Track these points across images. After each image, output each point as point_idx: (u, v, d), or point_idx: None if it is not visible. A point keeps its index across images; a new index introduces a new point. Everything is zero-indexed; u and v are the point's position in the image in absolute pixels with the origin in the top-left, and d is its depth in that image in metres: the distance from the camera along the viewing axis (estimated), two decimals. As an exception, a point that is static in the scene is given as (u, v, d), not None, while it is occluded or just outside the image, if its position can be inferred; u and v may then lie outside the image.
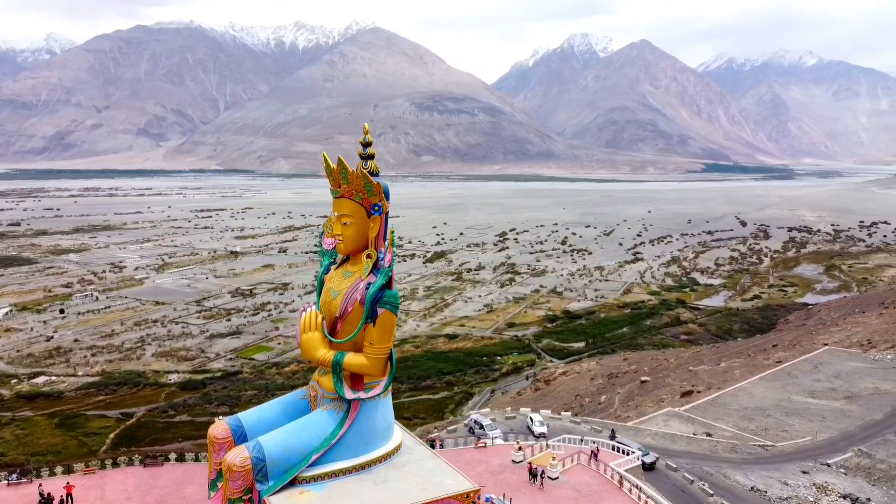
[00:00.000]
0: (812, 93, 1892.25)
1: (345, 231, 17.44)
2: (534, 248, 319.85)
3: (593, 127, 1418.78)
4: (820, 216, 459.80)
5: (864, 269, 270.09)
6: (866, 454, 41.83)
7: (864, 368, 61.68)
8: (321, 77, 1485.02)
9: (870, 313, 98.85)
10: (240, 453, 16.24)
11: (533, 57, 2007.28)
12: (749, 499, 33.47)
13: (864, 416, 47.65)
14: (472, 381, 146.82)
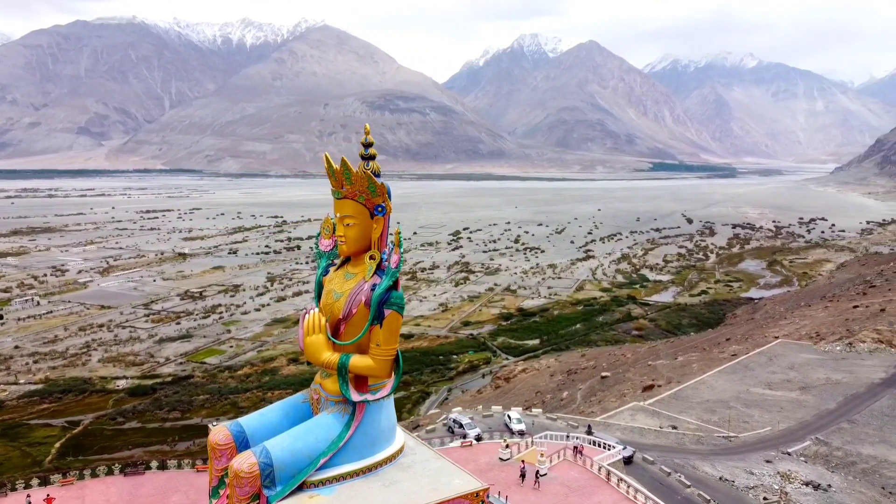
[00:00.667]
0: (753, 94, 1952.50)
1: (347, 232, 17.25)
2: (487, 247, 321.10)
3: (544, 126, 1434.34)
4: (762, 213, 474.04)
5: (804, 263, 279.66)
6: (823, 442, 43.48)
7: (815, 360, 64.00)
8: (270, 75, 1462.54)
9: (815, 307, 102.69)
10: (247, 459, 15.88)
11: (483, 57, 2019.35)
12: (720, 488, 34.51)
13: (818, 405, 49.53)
14: (428, 381, 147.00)
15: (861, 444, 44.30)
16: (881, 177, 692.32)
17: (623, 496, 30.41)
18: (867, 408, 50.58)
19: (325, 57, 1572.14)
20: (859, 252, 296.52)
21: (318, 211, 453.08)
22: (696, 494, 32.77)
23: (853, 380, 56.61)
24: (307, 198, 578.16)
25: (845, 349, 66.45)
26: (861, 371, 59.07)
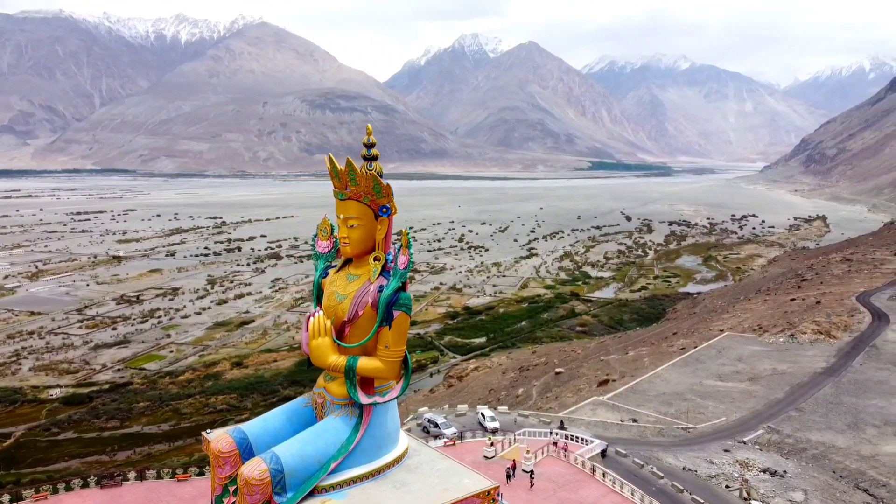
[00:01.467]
0: (686, 94, 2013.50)
1: (351, 234, 16.76)
2: (432, 246, 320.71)
3: (485, 126, 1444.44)
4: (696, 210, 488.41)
5: (737, 259, 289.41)
6: (775, 430, 44.70)
7: (761, 351, 65.94)
8: (206, 72, 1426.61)
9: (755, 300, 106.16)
10: (257, 466, 15.24)
11: (425, 56, 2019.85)
12: (686, 478, 35.15)
13: (767, 395, 50.96)
14: None
15: (810, 430, 45.79)
16: (806, 175, 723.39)
17: (609, 489, 30.78)
18: (812, 396, 52.39)
19: (264, 54, 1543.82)
20: (788, 247, 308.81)
21: (259, 211, 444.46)
22: (670, 485, 33.34)
23: (797, 370, 58.60)
24: (247, 198, 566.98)
25: (788, 341, 68.86)
26: (804, 361, 61.21)
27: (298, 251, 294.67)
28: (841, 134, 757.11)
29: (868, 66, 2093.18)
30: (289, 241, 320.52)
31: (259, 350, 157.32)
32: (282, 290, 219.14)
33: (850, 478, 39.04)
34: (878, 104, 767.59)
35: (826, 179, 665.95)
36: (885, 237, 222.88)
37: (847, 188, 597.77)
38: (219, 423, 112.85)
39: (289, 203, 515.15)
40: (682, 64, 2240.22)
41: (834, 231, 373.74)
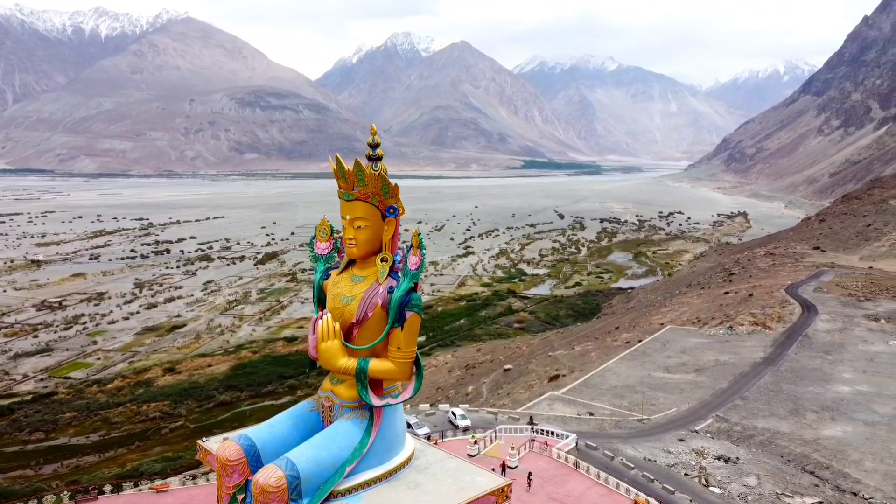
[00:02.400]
0: (614, 95, 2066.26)
1: (358, 235, 16.33)
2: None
3: (419, 125, 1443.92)
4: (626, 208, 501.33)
5: (665, 254, 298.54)
6: (723, 419, 45.87)
7: (703, 343, 67.77)
8: (128, 68, 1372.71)
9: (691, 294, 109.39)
10: (273, 473, 14.59)
11: (357, 54, 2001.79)
12: (649, 468, 35.58)
13: (713, 385, 52.25)
14: (315, 384, 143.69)
15: (755, 418, 47.20)
16: (728, 173, 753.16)
17: (594, 482, 31.00)
18: (754, 385, 54.07)
19: (190, 50, 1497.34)
20: (713, 242, 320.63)
21: (187, 212, 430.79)
22: (641, 475, 33.81)
23: (738, 360, 60.42)
24: (174, 198, 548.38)
25: (727, 332, 71.09)
26: (744, 352, 63.19)
27: (231, 253, 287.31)
28: (759, 134, 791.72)
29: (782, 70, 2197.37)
30: (220, 242, 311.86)
31: (192, 355, 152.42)
32: (214, 293, 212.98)
33: (797, 461, 40.45)
34: (792, 105, 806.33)
35: (746, 177, 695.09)
36: (804, 232, 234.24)
37: (765, 185, 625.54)
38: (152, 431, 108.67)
39: (219, 203, 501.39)
40: (609, 65, 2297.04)
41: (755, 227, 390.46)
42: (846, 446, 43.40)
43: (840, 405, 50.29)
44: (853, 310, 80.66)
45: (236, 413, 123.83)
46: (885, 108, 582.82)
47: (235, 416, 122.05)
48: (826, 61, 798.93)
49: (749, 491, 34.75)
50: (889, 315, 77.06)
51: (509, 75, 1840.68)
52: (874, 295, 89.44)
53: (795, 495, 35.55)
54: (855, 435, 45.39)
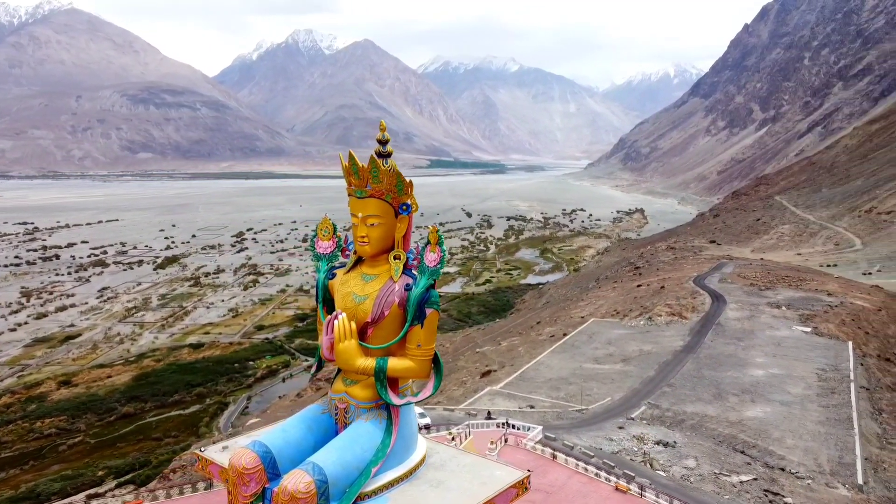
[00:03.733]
0: (516, 96, 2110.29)
1: (371, 232, 15.63)
2: (275, 248, 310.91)
3: (323, 123, 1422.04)
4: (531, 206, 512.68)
5: (570, 250, 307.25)
6: (655, 405, 47.04)
7: (626, 334, 69.54)
8: (6, 62, 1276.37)
9: (605, 288, 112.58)
10: (301, 478, 13.67)
11: (257, 51, 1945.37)
12: (598, 456, 35.71)
13: (641, 374, 53.58)
14: (225, 390, 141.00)
15: (683, 403, 48.69)
16: (625, 171, 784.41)
17: (573, 471, 30.96)
18: (678, 372, 55.93)
19: (75, 44, 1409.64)
20: (614, 238, 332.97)
21: (77, 215, 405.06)
22: (602, 462, 34.17)
23: (660, 349, 62.37)
24: (62, 201, 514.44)
25: (647, 323, 73.43)
26: (664, 341, 65.33)
27: (127, 257, 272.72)
28: (653, 134, 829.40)
29: (673, 73, 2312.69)
30: (115, 246, 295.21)
31: (89, 366, 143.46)
32: (111, 300, 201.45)
33: (727, 442, 42.13)
34: (682, 107, 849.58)
35: (642, 175, 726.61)
36: (700, 226, 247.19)
37: (660, 183, 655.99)
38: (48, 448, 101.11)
39: (112, 206, 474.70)
40: (511, 66, 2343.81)
41: (651, 222, 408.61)
42: (768, 426, 45.57)
43: (757, 388, 52.84)
44: (757, 298, 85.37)
45: (141, 425, 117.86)
46: (764, 111, 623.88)
47: (140, 429, 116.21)
48: (712, 66, 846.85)
49: (690, 472, 35.87)
50: (789, 302, 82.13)
51: (414, 75, 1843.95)
52: (773, 284, 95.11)
53: (732, 474, 36.99)
54: (774, 415, 47.75)
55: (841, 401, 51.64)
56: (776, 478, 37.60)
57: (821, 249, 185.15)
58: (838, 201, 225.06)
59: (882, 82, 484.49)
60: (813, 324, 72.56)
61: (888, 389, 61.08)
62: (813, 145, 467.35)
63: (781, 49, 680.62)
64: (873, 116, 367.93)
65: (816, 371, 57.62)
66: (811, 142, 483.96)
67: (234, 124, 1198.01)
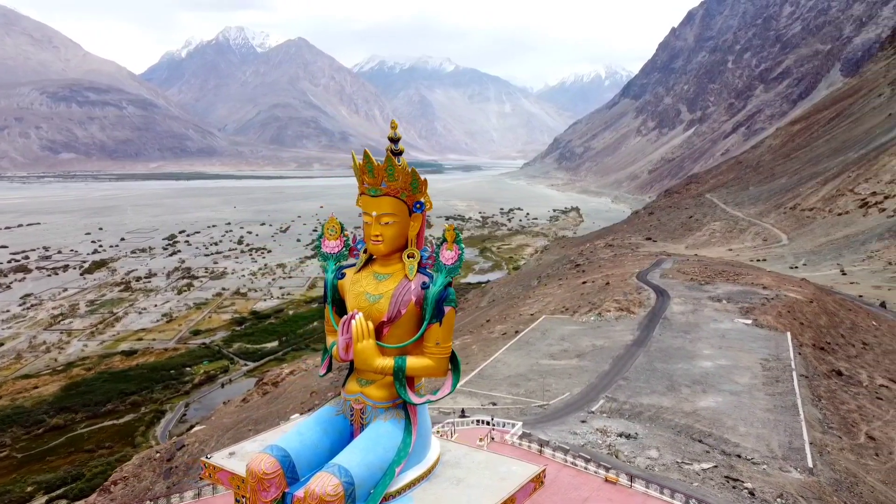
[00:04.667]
0: (452, 96, 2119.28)
1: (385, 231, 15.44)
2: (209, 250, 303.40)
3: (256, 123, 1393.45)
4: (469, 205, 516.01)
5: (509, 249, 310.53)
6: (613, 399, 47.66)
7: (578, 330, 70.30)
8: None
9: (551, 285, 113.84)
10: (329, 481, 13.61)
11: (186, 48, 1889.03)
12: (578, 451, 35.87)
13: (596, 368, 54.21)
14: (161, 398, 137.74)
15: (639, 396, 49.51)
16: (560, 171, 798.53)
17: (561, 465, 30.85)
18: (631, 365, 56.88)
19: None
20: (551, 236, 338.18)
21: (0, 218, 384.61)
22: (579, 455, 34.32)
23: (612, 343, 63.34)
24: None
25: (597, 319, 74.55)
26: (615, 336, 66.43)
27: (51, 262, 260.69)
28: (586, 134, 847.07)
29: (604, 74, 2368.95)
30: (38, 251, 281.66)
31: (13, 377, 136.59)
32: (35, 307, 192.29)
33: (685, 432, 43.02)
34: (613, 108, 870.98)
35: (576, 175, 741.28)
36: (636, 224, 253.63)
37: (594, 182, 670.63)
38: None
39: (33, 209, 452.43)
40: (447, 66, 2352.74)
41: (587, 220, 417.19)
42: (720, 415, 46.80)
43: (707, 378, 54.24)
44: (698, 293, 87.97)
45: (72, 437, 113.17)
46: (692, 112, 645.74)
47: (71, 441, 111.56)
48: (641, 68, 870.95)
49: (654, 462, 36.44)
50: (728, 296, 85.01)
51: (349, 74, 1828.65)
52: (711, 279, 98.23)
53: (693, 462, 37.75)
54: (725, 404, 49.08)
55: (785, 389, 53.55)
56: (734, 464, 38.61)
57: (750, 245, 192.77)
58: (765, 199, 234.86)
59: (800, 85, 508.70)
60: (753, 316, 75.20)
61: (824, 377, 63.77)
62: (737, 145, 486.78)
63: (706, 52, 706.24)
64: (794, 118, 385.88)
65: (760, 361, 59.62)
66: (735, 142, 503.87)
67: (162, 123, 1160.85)
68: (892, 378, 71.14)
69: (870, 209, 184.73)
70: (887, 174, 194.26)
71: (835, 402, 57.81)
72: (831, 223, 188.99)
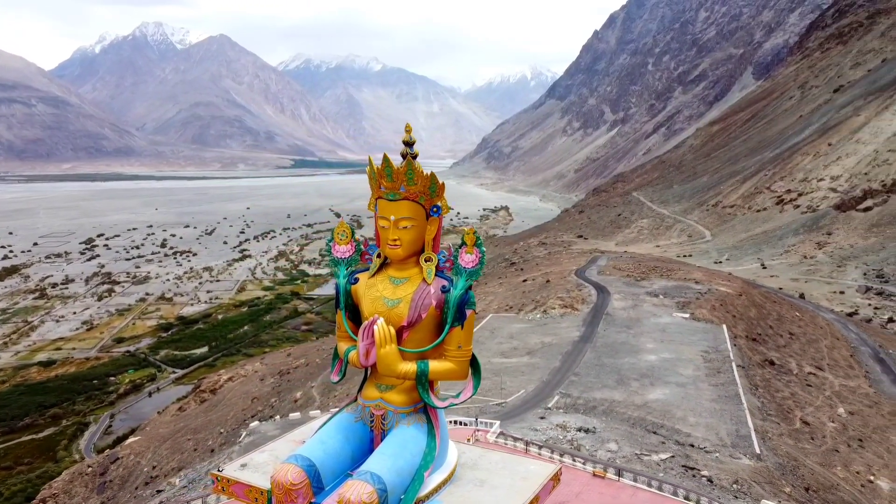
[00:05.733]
0: (380, 95, 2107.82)
1: (403, 235, 14.86)
2: (130, 254, 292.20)
3: (177, 122, 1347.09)
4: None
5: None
6: (567, 395, 48.01)
7: (526, 328, 70.62)
8: None
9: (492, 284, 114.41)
10: (363, 489, 13.20)
11: (100, 43, 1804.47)
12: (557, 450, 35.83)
13: (547, 365, 54.50)
14: (84, 410, 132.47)
15: (591, 390, 50.09)
16: (489, 170, 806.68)
17: (548, 460, 30.62)
18: (581, 361, 57.53)
19: None
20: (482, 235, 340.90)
21: None
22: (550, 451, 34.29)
23: (560, 340, 63.94)
24: None
25: (543, 316, 75.21)
26: (563, 332, 67.09)
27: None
28: (513, 134, 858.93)
29: (529, 75, 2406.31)
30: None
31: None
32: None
33: (639, 424, 43.84)
34: (540, 108, 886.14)
35: (505, 174, 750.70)
36: (567, 222, 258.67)
37: (522, 181, 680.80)
38: None
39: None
40: (374, 66, 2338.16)
41: (516, 219, 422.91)
42: (670, 406, 47.87)
43: (653, 372, 55.44)
44: (636, 289, 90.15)
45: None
46: (615, 113, 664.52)
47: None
48: (566, 69, 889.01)
49: (614, 455, 36.91)
50: (664, 291, 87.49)
51: (274, 72, 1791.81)
52: (646, 275, 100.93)
53: (652, 453, 38.44)
54: (673, 396, 50.26)
55: (727, 379, 55.36)
56: (689, 454, 39.50)
57: (676, 241, 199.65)
58: (688, 196, 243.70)
59: (715, 87, 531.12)
60: (689, 310, 77.54)
61: (759, 367, 66.38)
62: (658, 145, 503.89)
63: (628, 55, 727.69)
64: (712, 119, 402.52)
65: (701, 353, 61.45)
66: (657, 141, 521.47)
67: (76, 122, 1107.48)
68: (818, 366, 74.84)
69: (785, 206, 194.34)
70: (800, 173, 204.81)
71: (770, 390, 60.24)
72: (751, 220, 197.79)
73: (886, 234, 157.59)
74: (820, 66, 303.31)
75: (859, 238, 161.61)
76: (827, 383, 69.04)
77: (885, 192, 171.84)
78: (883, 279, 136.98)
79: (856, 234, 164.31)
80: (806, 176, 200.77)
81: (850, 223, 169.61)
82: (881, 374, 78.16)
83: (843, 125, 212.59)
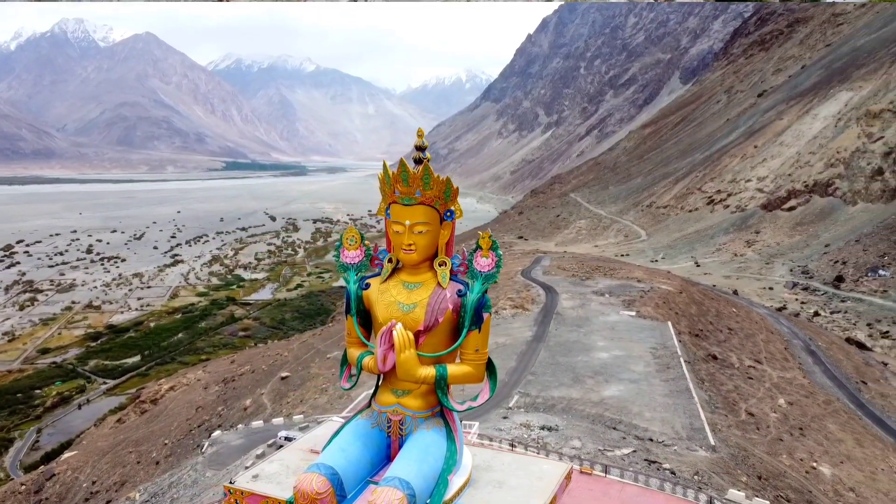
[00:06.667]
0: (314, 96, 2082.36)
1: (418, 240, 14.95)
2: (53, 261, 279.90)
3: (100, 123, 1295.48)
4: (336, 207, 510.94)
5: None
6: (526, 394, 48.16)
7: (482, 328, 70.19)
8: None
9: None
10: (394, 495, 13.18)
11: (16, 40, 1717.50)
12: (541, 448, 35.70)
13: (504, 365, 54.58)
14: (7, 425, 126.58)
15: (549, 389, 50.37)
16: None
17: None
18: (536, 361, 57.87)
19: None
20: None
21: None
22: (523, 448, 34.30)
23: (514, 340, 64.16)
24: None
25: (495, 316, 75.09)
26: (516, 333, 67.36)
27: None
28: (450, 136, 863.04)
29: (464, 78, 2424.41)
30: None
31: None
32: None
33: (599, 421, 44.44)
34: (475, 111, 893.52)
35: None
36: (506, 223, 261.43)
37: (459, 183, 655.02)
38: None
39: None
40: (307, 66, 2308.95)
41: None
42: (626, 402, 48.64)
43: (606, 369, 56.24)
44: (582, 288, 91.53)
45: None
46: (549, 115, 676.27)
47: None
48: (501, 72, 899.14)
49: (578, 451, 37.23)
50: (609, 290, 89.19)
51: (203, 72, 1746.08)
52: (590, 274, 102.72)
53: (615, 448, 39.02)
54: (627, 392, 51.09)
55: (676, 374, 56.68)
56: (649, 448, 40.19)
57: (614, 241, 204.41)
58: (624, 197, 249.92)
59: (645, 91, 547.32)
60: (635, 308, 79.21)
61: (703, 361, 68.30)
62: (591, 147, 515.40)
63: (560, 59, 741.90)
64: (644, 122, 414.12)
65: (650, 350, 62.75)
66: (590, 144, 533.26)
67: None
68: (756, 359, 77.65)
69: (716, 206, 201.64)
70: (729, 174, 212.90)
71: (716, 383, 62.04)
72: (683, 219, 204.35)
73: (809, 232, 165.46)
74: (744, 71, 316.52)
75: (785, 236, 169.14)
76: (766, 375, 71.68)
77: (808, 192, 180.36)
78: (808, 275, 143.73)
79: (782, 232, 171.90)
80: (734, 177, 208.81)
81: (777, 222, 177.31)
82: (813, 366, 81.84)
83: (767, 128, 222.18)
